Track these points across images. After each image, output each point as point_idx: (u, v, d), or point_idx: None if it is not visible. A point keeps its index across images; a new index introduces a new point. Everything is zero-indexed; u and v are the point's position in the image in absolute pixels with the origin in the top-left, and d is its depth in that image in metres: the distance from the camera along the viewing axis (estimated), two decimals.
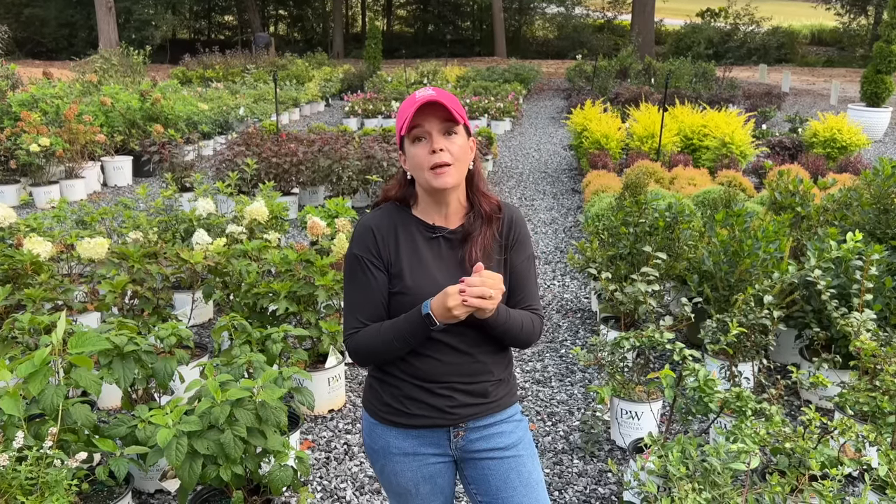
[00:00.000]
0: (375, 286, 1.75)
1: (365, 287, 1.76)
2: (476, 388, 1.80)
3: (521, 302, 1.85)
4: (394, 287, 1.75)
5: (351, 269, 1.79)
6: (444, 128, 1.70)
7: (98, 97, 9.82)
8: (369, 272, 1.76)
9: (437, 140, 1.69)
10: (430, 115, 1.69)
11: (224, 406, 2.52)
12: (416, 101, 1.68)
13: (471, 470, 1.88)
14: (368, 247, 1.76)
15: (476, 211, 1.80)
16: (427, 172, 1.70)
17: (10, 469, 2.29)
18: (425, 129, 1.69)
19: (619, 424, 3.49)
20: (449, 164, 1.69)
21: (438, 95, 1.68)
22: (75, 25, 28.95)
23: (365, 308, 1.76)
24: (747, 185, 6.88)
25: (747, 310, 3.54)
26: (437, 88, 1.73)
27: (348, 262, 1.80)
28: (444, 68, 19.20)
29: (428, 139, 1.70)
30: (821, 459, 2.52)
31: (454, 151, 1.70)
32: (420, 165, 1.71)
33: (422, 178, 1.73)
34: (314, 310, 3.95)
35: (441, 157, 1.68)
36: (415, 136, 1.71)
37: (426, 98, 1.67)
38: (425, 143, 1.70)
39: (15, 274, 4.07)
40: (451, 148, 1.70)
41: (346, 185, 7.60)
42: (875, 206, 4.37)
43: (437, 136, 1.69)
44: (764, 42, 30.28)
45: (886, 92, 12.20)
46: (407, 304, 1.73)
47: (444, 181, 1.70)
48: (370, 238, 1.77)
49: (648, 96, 13.67)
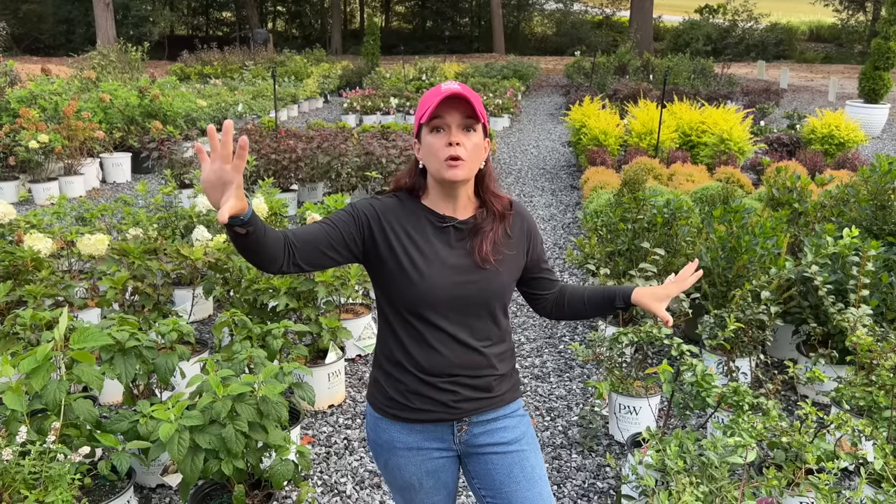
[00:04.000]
0: (330, 232, 1.72)
1: (325, 224, 1.74)
2: (480, 383, 1.82)
3: (546, 277, 1.97)
4: (403, 273, 1.75)
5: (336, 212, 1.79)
6: (465, 123, 1.71)
7: (96, 94, 9.81)
8: (340, 222, 1.74)
9: (456, 134, 1.70)
10: (452, 109, 1.70)
11: (225, 401, 2.54)
12: (442, 92, 1.69)
13: (474, 464, 1.90)
14: (360, 215, 1.77)
15: (488, 208, 1.83)
16: (439, 162, 1.72)
17: (14, 463, 2.31)
18: (445, 121, 1.70)
19: (617, 419, 3.51)
20: (462, 159, 1.71)
21: (463, 90, 1.69)
22: (73, 22, 28.89)
23: (305, 230, 1.71)
24: (745, 182, 6.90)
25: (745, 305, 3.56)
26: (463, 84, 1.74)
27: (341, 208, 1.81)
28: (442, 65, 19.18)
29: (447, 131, 1.71)
30: (817, 453, 2.54)
31: (469, 148, 1.72)
32: (434, 155, 1.72)
33: (433, 168, 1.74)
34: (314, 306, 3.96)
35: (457, 150, 1.70)
36: (434, 125, 1.72)
37: (451, 91, 1.68)
38: (443, 135, 1.71)
39: (16, 270, 4.08)
40: (467, 144, 1.71)
41: (344, 182, 7.61)
42: (872, 203, 4.39)
43: (456, 129, 1.71)
44: (762, 38, 30.28)
45: (884, 88, 12.21)
46: (416, 290, 1.73)
47: (455, 174, 1.71)
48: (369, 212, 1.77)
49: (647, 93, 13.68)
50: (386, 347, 1.85)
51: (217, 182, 1.46)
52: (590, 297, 1.97)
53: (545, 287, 1.98)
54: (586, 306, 1.97)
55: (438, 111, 1.70)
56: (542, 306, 2.01)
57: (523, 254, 1.89)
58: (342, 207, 1.82)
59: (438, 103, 1.68)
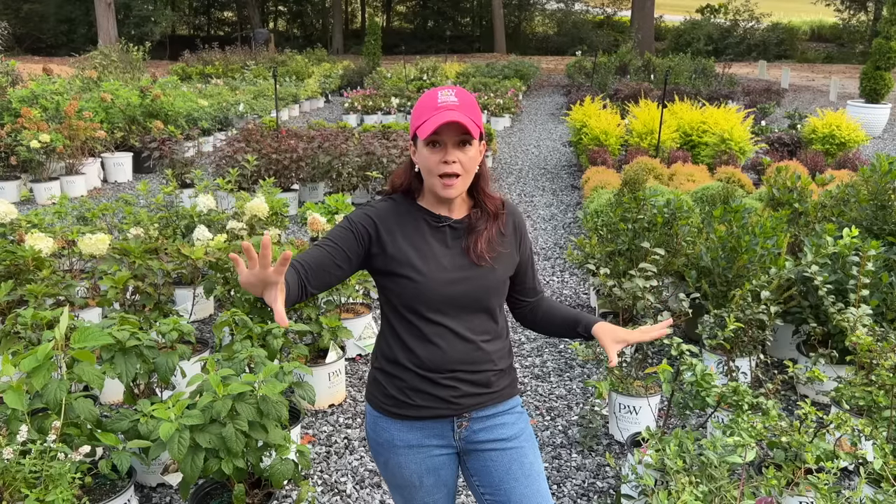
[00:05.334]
0: (333, 253, 1.74)
1: (327, 246, 1.75)
2: (479, 378, 1.83)
3: (529, 283, 1.99)
4: (403, 272, 1.76)
5: (335, 228, 1.81)
6: (461, 139, 1.72)
7: (98, 93, 9.83)
8: (341, 240, 1.76)
9: (451, 152, 1.71)
10: (448, 128, 1.70)
11: (226, 400, 2.54)
12: (438, 108, 1.69)
13: (473, 461, 1.91)
14: (359, 228, 1.78)
15: (482, 208, 1.85)
16: (434, 178, 1.73)
17: (15, 462, 2.32)
18: (441, 138, 1.71)
19: (617, 419, 3.51)
20: (458, 175, 1.72)
21: (459, 105, 1.69)
22: (74, 21, 28.94)
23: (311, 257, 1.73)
24: (746, 182, 6.90)
25: (745, 305, 3.56)
26: (460, 91, 1.74)
27: (339, 223, 1.82)
28: (443, 64, 19.18)
29: (443, 146, 1.72)
30: (817, 453, 2.55)
31: (465, 163, 1.73)
32: (430, 170, 1.74)
33: (428, 182, 1.77)
34: (314, 305, 3.97)
35: (452, 167, 1.71)
36: (430, 140, 1.72)
37: (447, 119, 1.66)
38: (439, 150, 1.72)
39: (17, 269, 4.09)
40: (463, 159, 1.72)
41: (345, 182, 7.61)
42: (872, 203, 4.39)
43: (452, 148, 1.71)
44: (763, 38, 30.27)
45: (885, 88, 12.20)
46: (415, 288, 1.75)
47: (449, 192, 1.74)
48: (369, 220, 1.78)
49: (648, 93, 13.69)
50: (385, 345, 1.86)
51: (259, 284, 1.46)
52: (562, 316, 2.00)
53: (527, 293, 2.00)
54: (555, 324, 2.01)
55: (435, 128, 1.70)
56: (520, 310, 2.04)
57: (516, 251, 1.91)
58: (340, 222, 1.81)
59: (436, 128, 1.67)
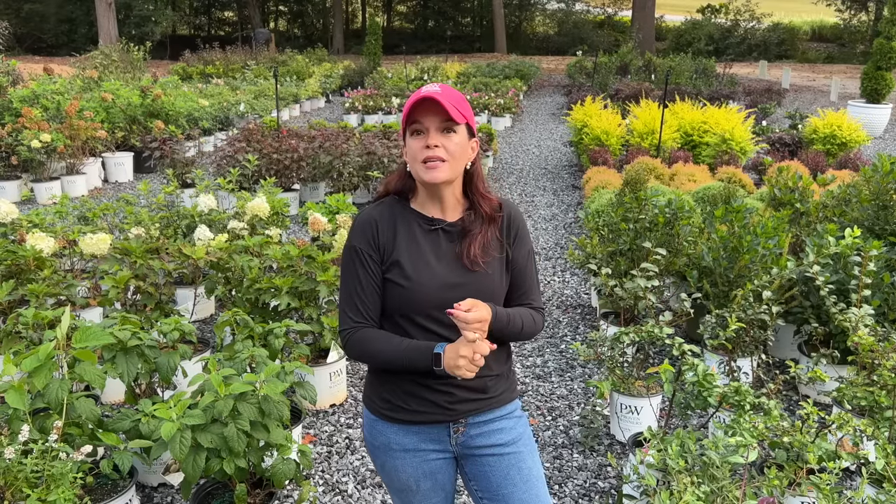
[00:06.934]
0: (372, 282, 1.77)
1: (362, 281, 1.77)
2: (475, 384, 1.81)
3: (523, 296, 1.88)
4: (393, 277, 1.76)
5: (349, 261, 1.80)
6: (443, 125, 1.72)
7: (99, 93, 9.82)
8: (367, 266, 1.77)
9: (433, 136, 1.72)
10: (428, 112, 1.71)
11: (227, 400, 2.54)
12: (418, 94, 1.71)
13: (471, 466, 1.89)
14: (368, 240, 1.78)
15: (476, 210, 1.82)
16: (418, 165, 1.73)
17: (16, 462, 2.32)
18: (424, 125, 1.72)
19: (618, 419, 3.51)
20: (442, 160, 1.71)
21: (440, 93, 1.70)
22: (75, 21, 28.95)
23: (362, 303, 1.77)
24: (747, 182, 6.89)
25: (746, 305, 3.56)
26: (444, 86, 1.75)
27: (347, 254, 1.81)
28: (444, 64, 19.18)
29: (425, 134, 1.72)
30: (818, 453, 2.54)
31: (450, 148, 1.72)
32: (414, 157, 1.74)
33: (414, 170, 1.76)
34: (316, 305, 3.97)
35: (435, 152, 1.71)
36: (414, 129, 1.74)
37: (425, 94, 1.69)
38: (422, 137, 1.73)
39: (18, 269, 4.09)
40: (448, 145, 1.72)
41: (346, 181, 7.61)
42: (874, 203, 4.39)
43: (434, 132, 1.72)
44: (764, 38, 30.25)
45: (886, 88, 12.19)
46: (405, 295, 1.74)
47: (434, 175, 1.72)
48: (370, 231, 1.78)
49: (649, 93, 13.68)
50: None
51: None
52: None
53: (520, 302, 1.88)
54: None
55: (416, 115, 1.72)
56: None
57: (509, 248, 1.84)
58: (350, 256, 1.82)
59: (413, 107, 1.71)
